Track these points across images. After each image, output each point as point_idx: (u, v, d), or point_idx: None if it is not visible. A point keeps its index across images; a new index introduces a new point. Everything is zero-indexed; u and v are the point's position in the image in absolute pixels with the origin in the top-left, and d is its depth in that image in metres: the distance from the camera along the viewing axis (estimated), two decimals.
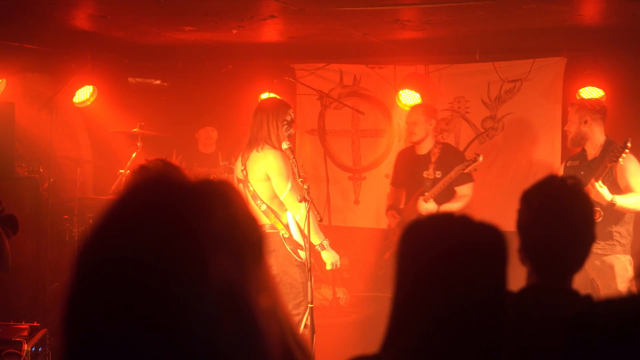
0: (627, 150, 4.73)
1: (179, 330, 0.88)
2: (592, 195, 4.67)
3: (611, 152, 4.82)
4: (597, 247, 4.82)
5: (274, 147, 4.66)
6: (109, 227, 0.95)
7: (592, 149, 5.08)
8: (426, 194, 5.40)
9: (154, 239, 0.91)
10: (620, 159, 4.74)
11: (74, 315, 0.93)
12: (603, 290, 4.87)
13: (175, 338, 0.88)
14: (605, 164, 4.79)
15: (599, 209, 4.78)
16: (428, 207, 5.36)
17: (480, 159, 5.33)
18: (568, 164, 5.26)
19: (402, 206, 5.76)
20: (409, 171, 5.66)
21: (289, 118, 4.78)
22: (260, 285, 0.98)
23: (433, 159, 5.50)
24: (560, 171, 5.34)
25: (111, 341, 0.88)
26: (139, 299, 0.88)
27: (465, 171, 5.36)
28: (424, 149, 5.59)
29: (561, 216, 2.12)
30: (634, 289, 4.76)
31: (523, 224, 2.16)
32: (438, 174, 5.45)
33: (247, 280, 0.95)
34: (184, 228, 0.92)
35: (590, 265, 4.84)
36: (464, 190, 5.51)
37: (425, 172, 5.49)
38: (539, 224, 2.12)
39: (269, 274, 1.03)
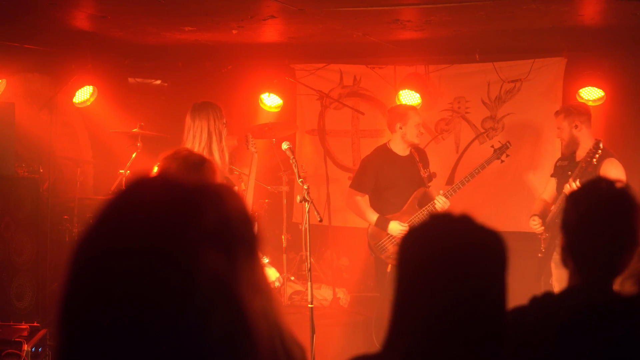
0: (599, 151, 4.88)
1: (168, 323, 0.91)
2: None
3: (586, 153, 4.99)
4: None
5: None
6: (105, 224, 0.98)
7: (582, 151, 5.20)
8: (449, 189, 5.41)
9: (147, 234, 0.94)
10: (594, 159, 4.90)
11: (69, 308, 0.96)
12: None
13: (165, 330, 0.91)
14: (581, 165, 4.95)
15: None
16: (447, 202, 5.36)
17: (509, 144, 5.49)
18: (558, 164, 5.41)
19: (395, 212, 5.51)
20: (397, 173, 5.50)
21: (224, 122, 4.50)
22: (253, 284, 1.00)
23: (417, 158, 5.52)
24: (551, 170, 5.47)
25: (103, 333, 0.91)
26: (131, 292, 0.91)
27: (499, 160, 5.53)
28: (406, 149, 5.53)
29: (608, 219, 2.12)
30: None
31: (569, 225, 2.15)
32: (427, 171, 5.54)
33: (238, 277, 0.97)
34: (176, 224, 0.95)
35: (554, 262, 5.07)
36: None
37: (419, 171, 5.48)
38: (585, 225, 2.12)
39: (264, 275, 1.05)
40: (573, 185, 4.86)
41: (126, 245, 0.94)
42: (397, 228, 5.38)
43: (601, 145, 4.89)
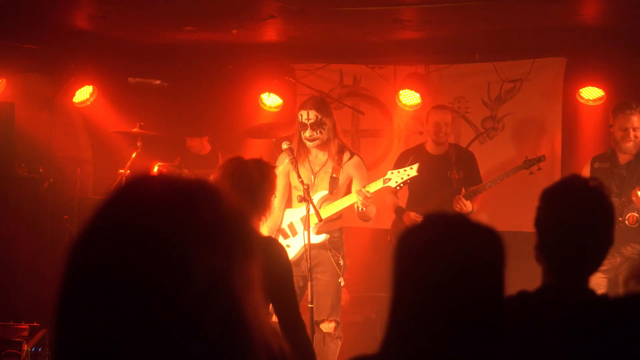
0: None
1: (162, 318, 0.92)
2: (636, 201, 4.76)
3: None
4: (632, 251, 4.94)
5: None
6: (101, 220, 0.99)
7: (625, 154, 5.10)
8: (469, 191, 5.37)
9: (142, 230, 0.95)
10: None
11: (66, 304, 0.97)
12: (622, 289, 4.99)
13: (159, 325, 0.92)
14: None
15: (635, 213, 4.87)
16: (465, 204, 5.27)
17: (543, 158, 5.37)
18: (596, 166, 5.23)
19: (421, 208, 5.58)
20: (424, 170, 5.54)
21: (298, 119, 4.96)
22: (251, 283, 1.00)
23: (453, 159, 5.47)
24: (585, 171, 5.29)
25: (99, 325, 0.93)
26: (125, 286, 0.92)
27: (528, 170, 5.40)
28: (441, 149, 5.53)
29: (580, 217, 2.10)
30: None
31: (541, 222, 2.14)
32: (460, 174, 5.46)
33: (234, 275, 0.97)
34: (171, 220, 0.95)
35: (623, 267, 4.96)
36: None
37: (449, 172, 5.45)
38: (557, 223, 2.11)
39: (260, 275, 1.05)
40: None
41: (121, 241, 0.95)
42: (409, 217, 5.44)
43: None
